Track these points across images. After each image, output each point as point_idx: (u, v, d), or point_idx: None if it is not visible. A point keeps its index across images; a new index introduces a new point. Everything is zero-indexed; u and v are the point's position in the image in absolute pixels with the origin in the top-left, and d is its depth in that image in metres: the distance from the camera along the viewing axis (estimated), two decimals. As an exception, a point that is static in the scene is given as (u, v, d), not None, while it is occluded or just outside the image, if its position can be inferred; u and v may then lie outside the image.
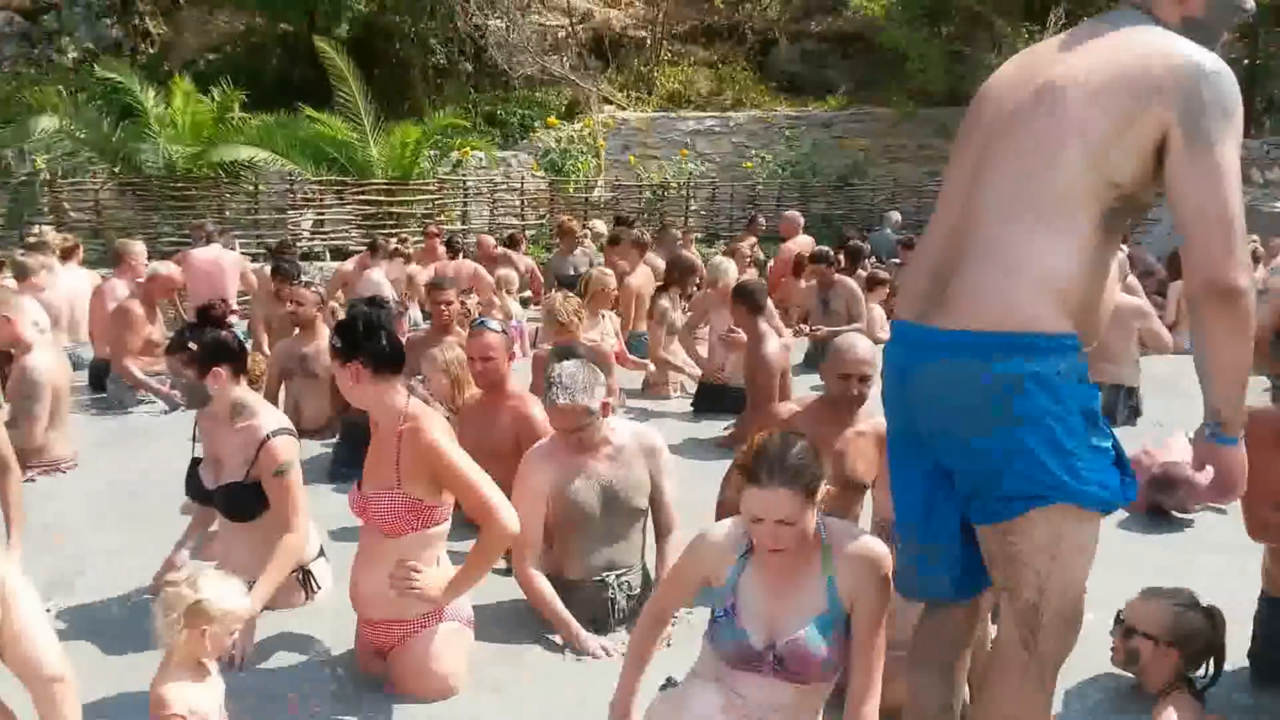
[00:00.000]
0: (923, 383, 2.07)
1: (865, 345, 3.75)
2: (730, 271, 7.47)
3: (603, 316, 7.28)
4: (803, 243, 10.53)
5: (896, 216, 14.36)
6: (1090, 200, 1.94)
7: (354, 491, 3.08)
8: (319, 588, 3.68)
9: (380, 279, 9.32)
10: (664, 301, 7.44)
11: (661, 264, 10.54)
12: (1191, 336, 2.01)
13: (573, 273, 10.23)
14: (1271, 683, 3.02)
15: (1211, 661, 2.86)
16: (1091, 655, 2.96)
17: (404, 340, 3.35)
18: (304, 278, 11.82)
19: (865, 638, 2.31)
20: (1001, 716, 2.10)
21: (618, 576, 3.54)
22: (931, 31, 18.30)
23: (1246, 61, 15.77)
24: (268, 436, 3.38)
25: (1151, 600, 2.90)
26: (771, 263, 11.01)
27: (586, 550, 3.51)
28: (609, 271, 7.63)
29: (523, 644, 3.38)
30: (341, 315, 4.87)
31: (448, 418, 3.42)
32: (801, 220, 11.63)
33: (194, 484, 3.59)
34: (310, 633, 3.42)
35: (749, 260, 10.08)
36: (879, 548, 2.38)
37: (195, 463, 3.60)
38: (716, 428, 6.28)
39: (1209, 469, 2.03)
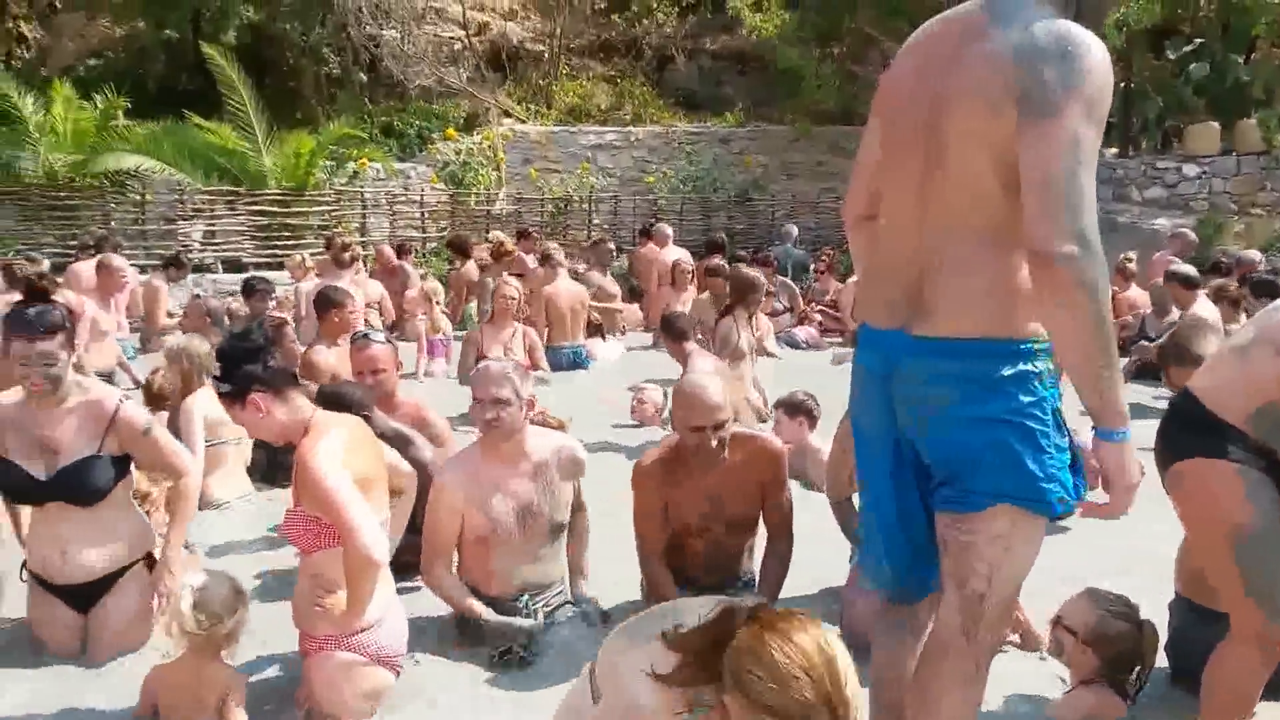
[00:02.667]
0: (908, 384, 2.11)
1: (715, 388, 3.37)
2: None
3: (513, 330, 7.30)
4: (675, 254, 10.66)
5: (794, 230, 14.68)
6: (1018, 209, 1.93)
7: None
8: None
9: (356, 293, 8.96)
10: (725, 324, 6.67)
11: (601, 279, 10.63)
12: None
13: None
14: (1184, 676, 3.08)
15: (1139, 669, 2.94)
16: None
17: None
18: (196, 291, 11.53)
19: None
20: (937, 702, 2.14)
21: (532, 597, 3.47)
22: (824, 52, 18.79)
23: (1123, 84, 16.62)
24: (119, 404, 3.34)
25: (1085, 599, 3.00)
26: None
27: (504, 569, 3.44)
28: (513, 283, 7.62)
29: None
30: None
31: None
32: (671, 232, 11.86)
33: (15, 481, 3.30)
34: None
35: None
36: None
37: (3, 463, 3.29)
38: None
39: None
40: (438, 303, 9.34)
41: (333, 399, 3.67)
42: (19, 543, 3.68)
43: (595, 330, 9.39)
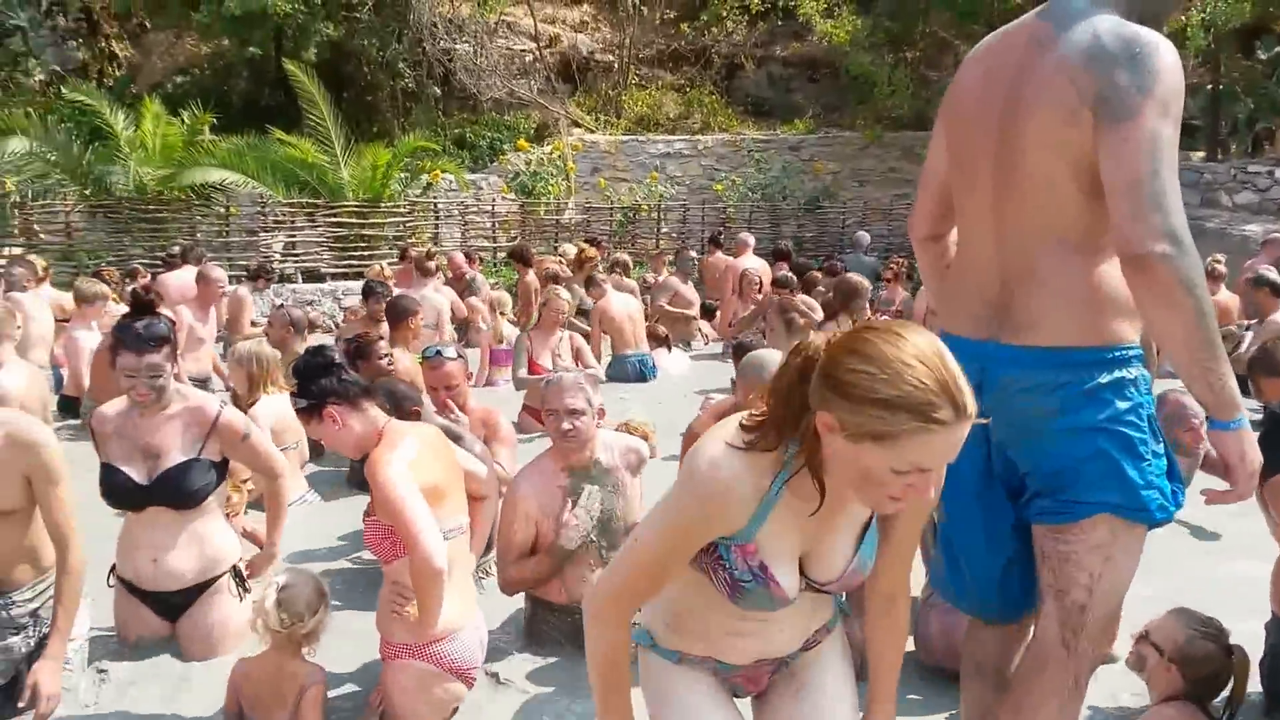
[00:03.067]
0: (1003, 394, 2.08)
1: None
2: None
3: (560, 336, 7.40)
4: (752, 263, 10.60)
5: (866, 238, 14.56)
6: (1101, 214, 1.95)
7: None
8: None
9: (441, 301, 9.11)
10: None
11: (679, 286, 10.69)
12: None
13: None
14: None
15: (1228, 695, 2.84)
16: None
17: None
18: (276, 300, 11.86)
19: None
20: (1034, 712, 2.11)
21: None
22: (897, 57, 18.64)
23: (1210, 86, 16.18)
24: (220, 410, 3.46)
25: (1174, 617, 2.90)
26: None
27: (576, 578, 3.44)
28: (562, 293, 7.71)
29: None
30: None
31: None
32: (751, 240, 11.81)
33: (118, 486, 3.39)
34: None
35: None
36: None
37: (107, 468, 3.41)
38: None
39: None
40: (503, 313, 9.47)
41: (385, 397, 3.72)
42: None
43: (661, 341, 9.41)
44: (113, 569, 3.51)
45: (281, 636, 2.87)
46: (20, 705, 2.77)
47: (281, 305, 10.63)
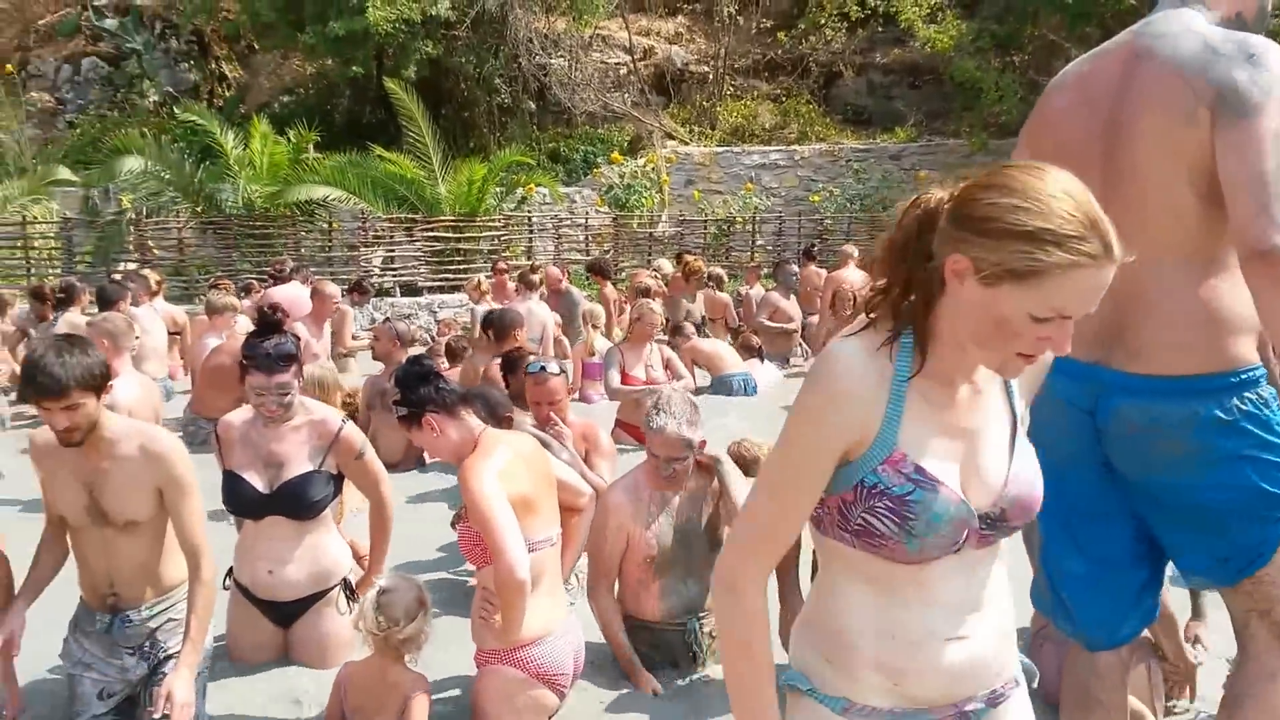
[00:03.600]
0: (1123, 427, 2.04)
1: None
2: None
3: (651, 348, 7.37)
4: (855, 276, 10.39)
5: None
6: (1219, 228, 1.92)
7: None
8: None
9: (545, 314, 9.03)
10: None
11: (780, 300, 10.58)
12: None
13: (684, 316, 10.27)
14: None
15: None
16: None
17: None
18: (375, 312, 12.09)
19: None
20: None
21: (698, 619, 3.47)
22: (1004, 61, 18.13)
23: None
24: (342, 425, 3.49)
25: None
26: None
27: (666, 590, 3.44)
28: (655, 306, 7.68)
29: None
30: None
31: None
32: (855, 252, 11.60)
33: (240, 494, 3.45)
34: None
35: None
36: None
37: (230, 476, 3.47)
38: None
39: None
40: (595, 326, 9.45)
41: (480, 404, 3.74)
42: None
43: (754, 352, 9.32)
44: (229, 573, 3.57)
45: (380, 641, 2.88)
46: (155, 716, 2.75)
47: (387, 319, 10.84)
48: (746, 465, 4.11)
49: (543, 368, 4.60)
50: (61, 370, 2.69)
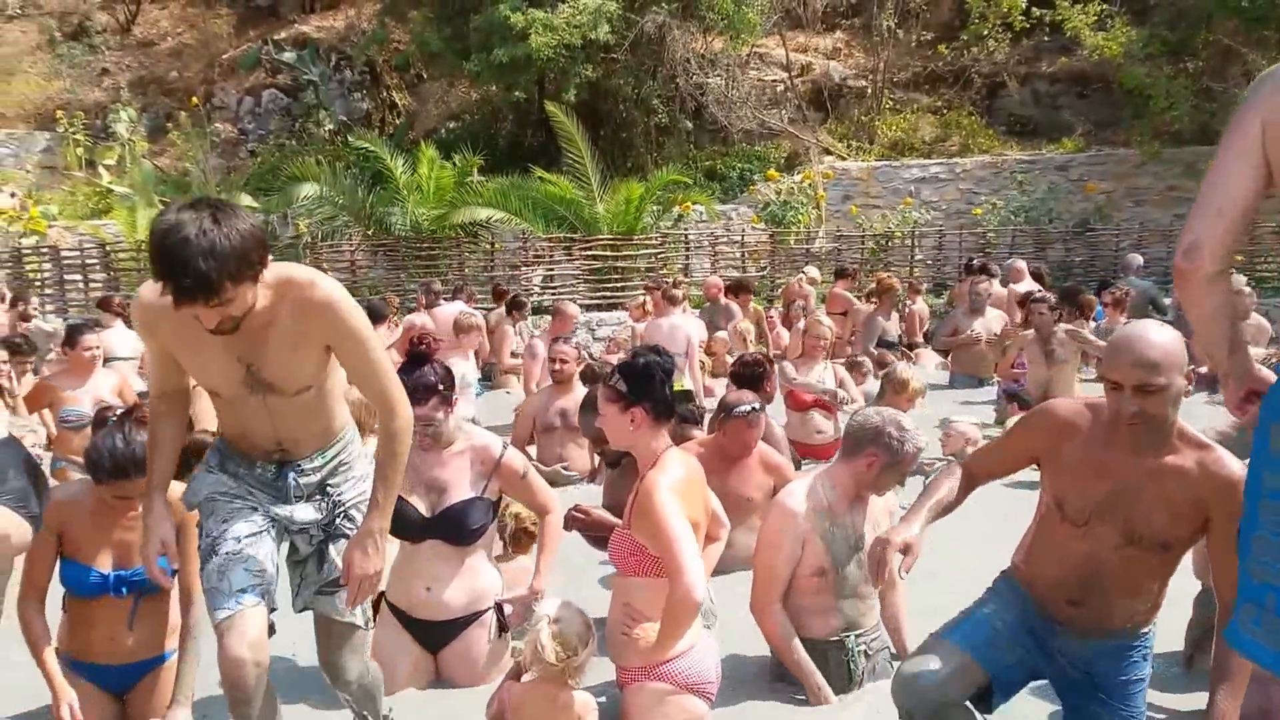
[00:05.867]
0: None
1: (1158, 339, 2.51)
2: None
3: (824, 365, 7.21)
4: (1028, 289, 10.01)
5: (1137, 260, 13.42)
6: None
7: None
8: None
9: (690, 327, 9.09)
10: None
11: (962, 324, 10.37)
12: None
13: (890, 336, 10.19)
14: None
15: None
16: None
17: None
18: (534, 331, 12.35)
19: None
20: None
21: (858, 637, 3.42)
22: (1176, 68, 17.20)
23: None
24: (503, 451, 3.53)
25: None
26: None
27: (828, 606, 3.40)
28: (825, 321, 7.49)
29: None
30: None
31: None
32: (1024, 266, 11.23)
33: (402, 516, 3.42)
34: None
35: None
36: None
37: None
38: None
39: None
40: (749, 342, 9.42)
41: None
42: None
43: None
44: (382, 596, 3.61)
45: (554, 670, 2.89)
46: (342, 583, 2.60)
47: (566, 338, 11.09)
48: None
49: (753, 409, 4.51)
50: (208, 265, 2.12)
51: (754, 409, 4.47)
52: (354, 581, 2.53)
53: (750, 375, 5.17)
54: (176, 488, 2.81)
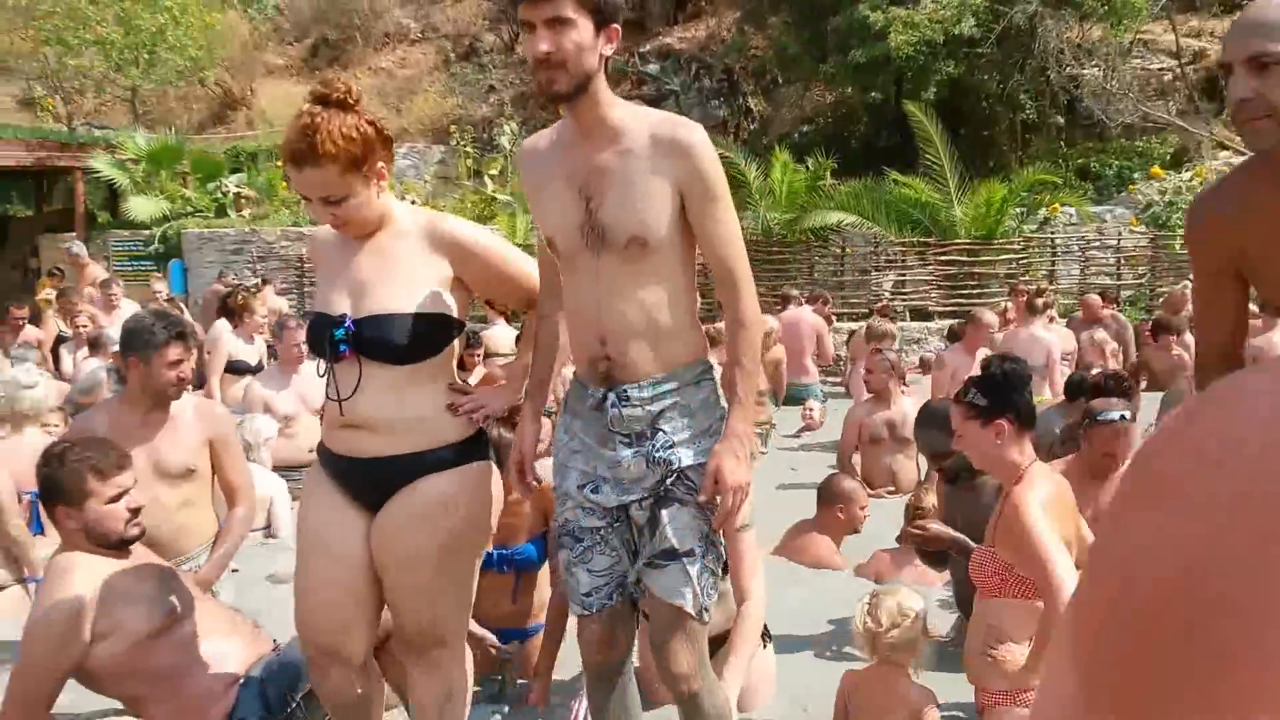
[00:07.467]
0: None
1: None
2: None
3: None
4: None
5: None
6: None
7: None
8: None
9: (1051, 340, 8.34)
10: None
11: None
12: None
13: None
14: None
15: None
16: None
17: None
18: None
19: None
20: None
21: None
22: None
23: None
24: None
25: None
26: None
27: None
28: None
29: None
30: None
31: None
32: None
33: None
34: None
35: None
36: None
37: None
38: None
39: None
40: (1114, 355, 8.62)
41: None
42: None
43: None
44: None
45: (868, 640, 2.85)
46: (703, 498, 2.22)
47: (878, 350, 10.80)
48: None
49: (1122, 415, 4.05)
50: None
51: (1123, 416, 4.00)
52: (726, 494, 2.17)
53: (1110, 391, 4.64)
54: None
